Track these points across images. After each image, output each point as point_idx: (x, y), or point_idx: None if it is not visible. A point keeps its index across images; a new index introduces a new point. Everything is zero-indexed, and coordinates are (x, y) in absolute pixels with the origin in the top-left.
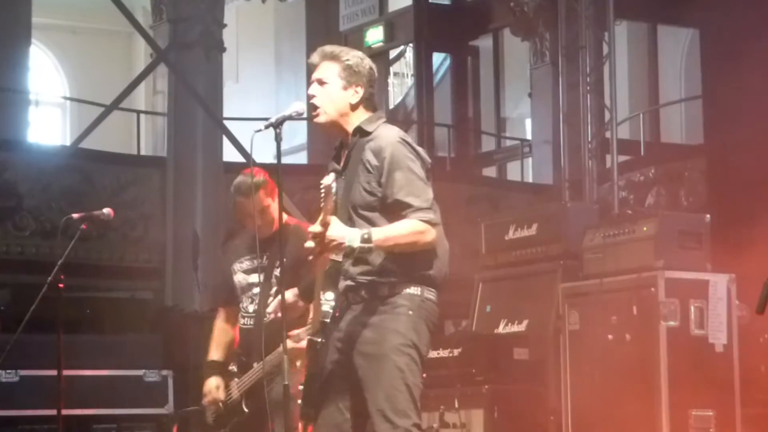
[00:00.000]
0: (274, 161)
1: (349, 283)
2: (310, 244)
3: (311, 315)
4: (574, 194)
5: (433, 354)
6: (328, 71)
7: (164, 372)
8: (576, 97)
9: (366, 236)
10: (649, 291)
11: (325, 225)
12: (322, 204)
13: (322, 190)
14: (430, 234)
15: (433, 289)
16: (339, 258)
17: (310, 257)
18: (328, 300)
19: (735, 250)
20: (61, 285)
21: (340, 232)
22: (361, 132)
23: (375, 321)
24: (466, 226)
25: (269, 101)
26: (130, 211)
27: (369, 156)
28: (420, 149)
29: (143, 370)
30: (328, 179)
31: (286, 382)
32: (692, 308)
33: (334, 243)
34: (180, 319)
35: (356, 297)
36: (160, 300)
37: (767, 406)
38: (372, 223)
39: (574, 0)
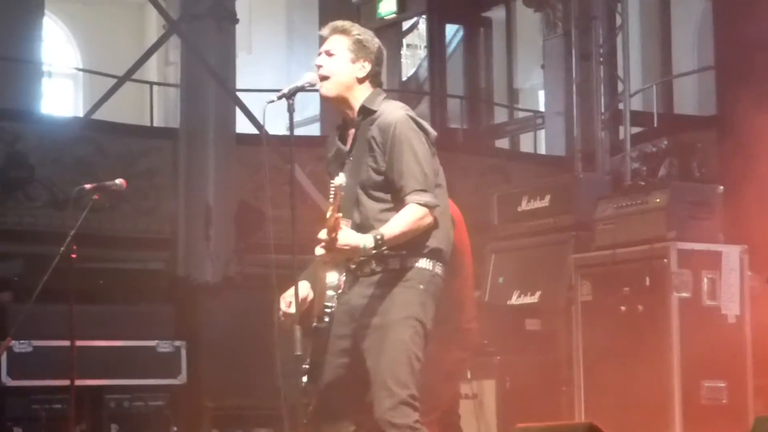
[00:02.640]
0: (287, 133)
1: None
2: (319, 251)
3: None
4: (587, 165)
5: None
6: (338, 44)
7: (177, 343)
8: (588, 68)
9: (380, 240)
10: (662, 262)
11: (332, 230)
12: (331, 202)
13: (332, 190)
14: (428, 217)
15: (441, 264)
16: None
17: (322, 262)
18: (330, 282)
19: (747, 221)
20: (73, 256)
21: (352, 240)
22: (365, 111)
23: (384, 293)
24: (478, 197)
25: (281, 72)
26: (142, 182)
27: (375, 133)
28: (425, 123)
29: (156, 341)
30: (340, 179)
31: (299, 352)
32: (705, 279)
33: (348, 250)
34: (192, 289)
35: (366, 270)
36: (172, 271)
37: None
38: (379, 202)
39: None
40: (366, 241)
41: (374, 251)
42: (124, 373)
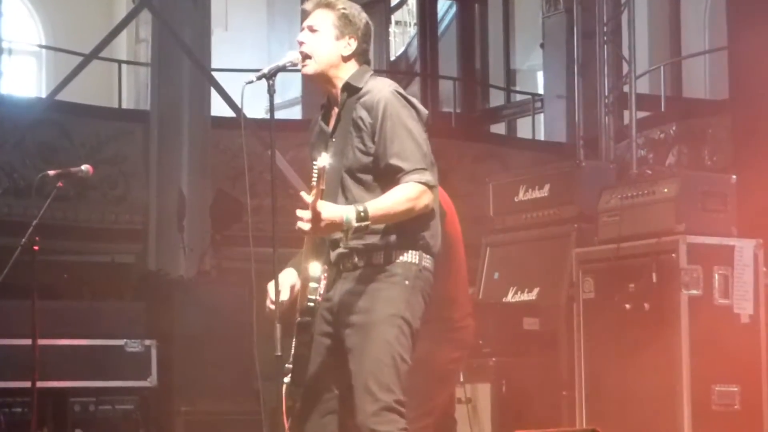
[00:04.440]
0: (266, 116)
1: (341, 250)
2: (303, 225)
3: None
4: (590, 153)
5: None
6: (322, 19)
7: (147, 342)
8: (592, 47)
9: (362, 213)
10: (670, 257)
11: (315, 213)
12: (314, 184)
13: (315, 171)
14: (427, 197)
15: (429, 257)
16: (337, 237)
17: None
18: (313, 273)
19: (763, 213)
20: (35, 247)
21: (334, 212)
22: (350, 89)
23: (367, 290)
24: (472, 186)
25: (261, 51)
26: (110, 169)
27: (362, 113)
28: (415, 100)
29: (124, 340)
30: (323, 160)
31: (278, 353)
32: (716, 276)
33: (330, 224)
34: (164, 285)
35: (348, 264)
36: (142, 264)
37: None
38: (368, 187)
39: None
40: (347, 213)
41: (357, 226)
42: (90, 374)
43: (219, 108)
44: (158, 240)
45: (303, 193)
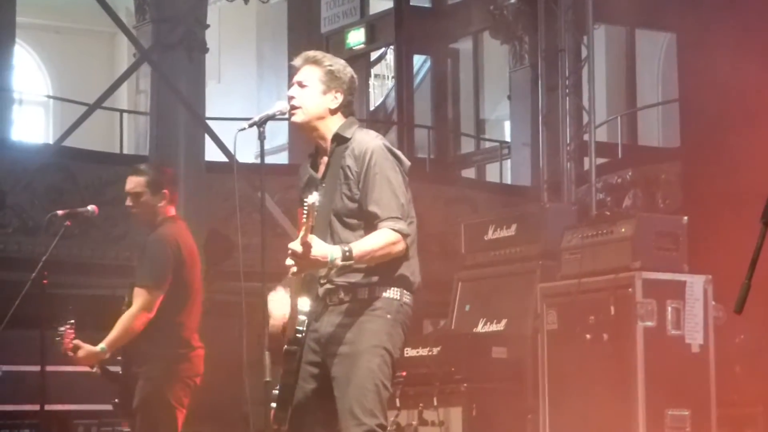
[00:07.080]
0: (257, 161)
1: (328, 286)
2: (290, 261)
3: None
4: (553, 196)
5: (412, 352)
6: (310, 75)
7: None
8: (554, 99)
9: (347, 253)
10: (627, 291)
11: (306, 245)
12: (304, 221)
13: (306, 208)
14: (401, 244)
15: (409, 293)
16: (321, 274)
17: (291, 274)
18: (302, 308)
19: (711, 251)
20: (44, 281)
21: (322, 250)
22: (339, 139)
23: (352, 322)
24: (445, 226)
25: (251, 101)
26: (112, 209)
27: (350, 162)
28: (400, 153)
29: None
30: (313, 197)
31: (268, 378)
32: (669, 309)
33: (317, 261)
34: None
35: (334, 299)
36: None
37: (742, 406)
38: (354, 230)
39: (554, 3)
40: (334, 252)
41: (342, 264)
42: (93, 398)
43: (212, 153)
44: None
45: (291, 244)
